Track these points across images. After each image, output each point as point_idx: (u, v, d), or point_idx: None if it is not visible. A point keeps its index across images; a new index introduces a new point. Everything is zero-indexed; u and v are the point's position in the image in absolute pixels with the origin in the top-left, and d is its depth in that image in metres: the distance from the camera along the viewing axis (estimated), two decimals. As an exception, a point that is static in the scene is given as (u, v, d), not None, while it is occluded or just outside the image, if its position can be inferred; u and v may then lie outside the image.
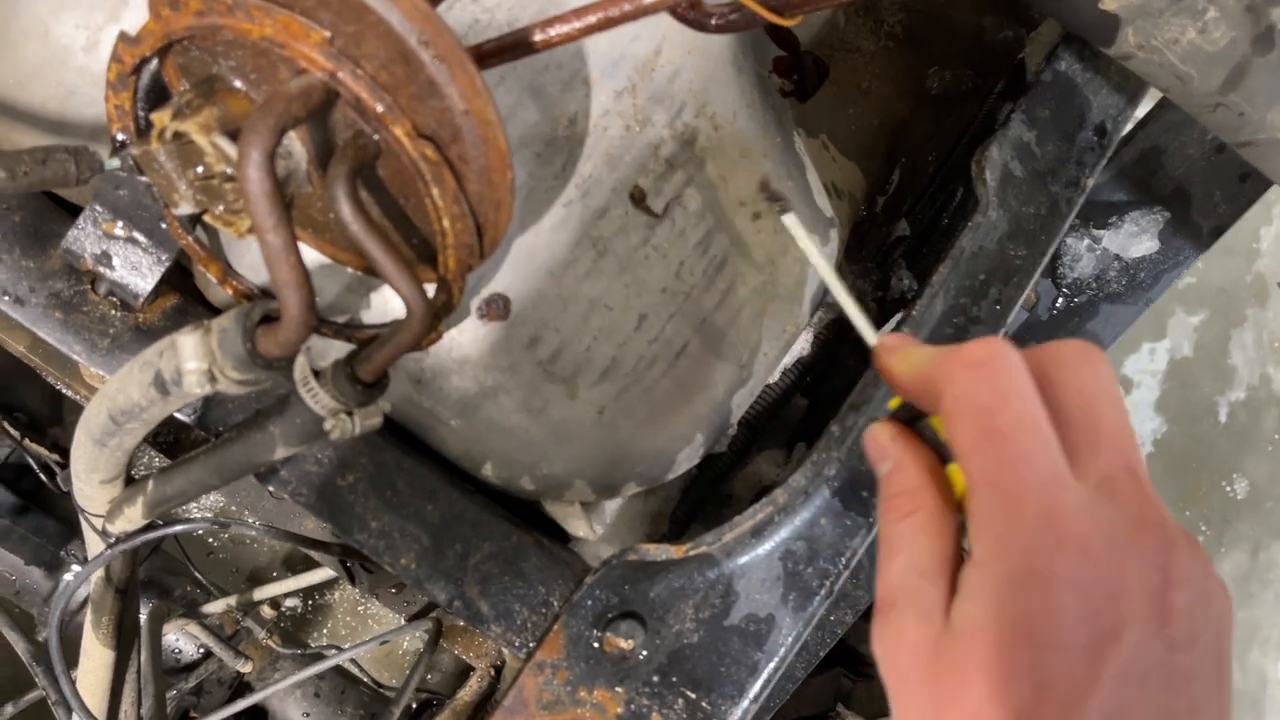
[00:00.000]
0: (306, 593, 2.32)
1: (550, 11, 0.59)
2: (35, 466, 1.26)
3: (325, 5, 0.46)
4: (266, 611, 1.56)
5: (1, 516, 1.44)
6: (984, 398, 0.39)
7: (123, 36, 0.50)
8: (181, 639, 1.54)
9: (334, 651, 1.45)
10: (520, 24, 0.58)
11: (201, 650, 1.54)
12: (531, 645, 0.65)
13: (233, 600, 1.21)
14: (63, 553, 1.46)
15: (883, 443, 0.44)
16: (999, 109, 0.90)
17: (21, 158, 0.51)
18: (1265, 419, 2.77)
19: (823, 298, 0.74)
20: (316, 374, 0.54)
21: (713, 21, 0.54)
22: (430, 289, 0.52)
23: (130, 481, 0.69)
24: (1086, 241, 1.02)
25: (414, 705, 1.50)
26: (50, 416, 1.44)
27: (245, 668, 1.47)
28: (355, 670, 1.57)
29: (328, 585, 2.28)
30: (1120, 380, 2.79)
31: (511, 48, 0.53)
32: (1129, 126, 0.80)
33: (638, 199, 0.62)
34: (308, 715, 1.54)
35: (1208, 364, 2.82)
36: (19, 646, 1.04)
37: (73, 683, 0.79)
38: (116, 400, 0.57)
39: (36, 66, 0.57)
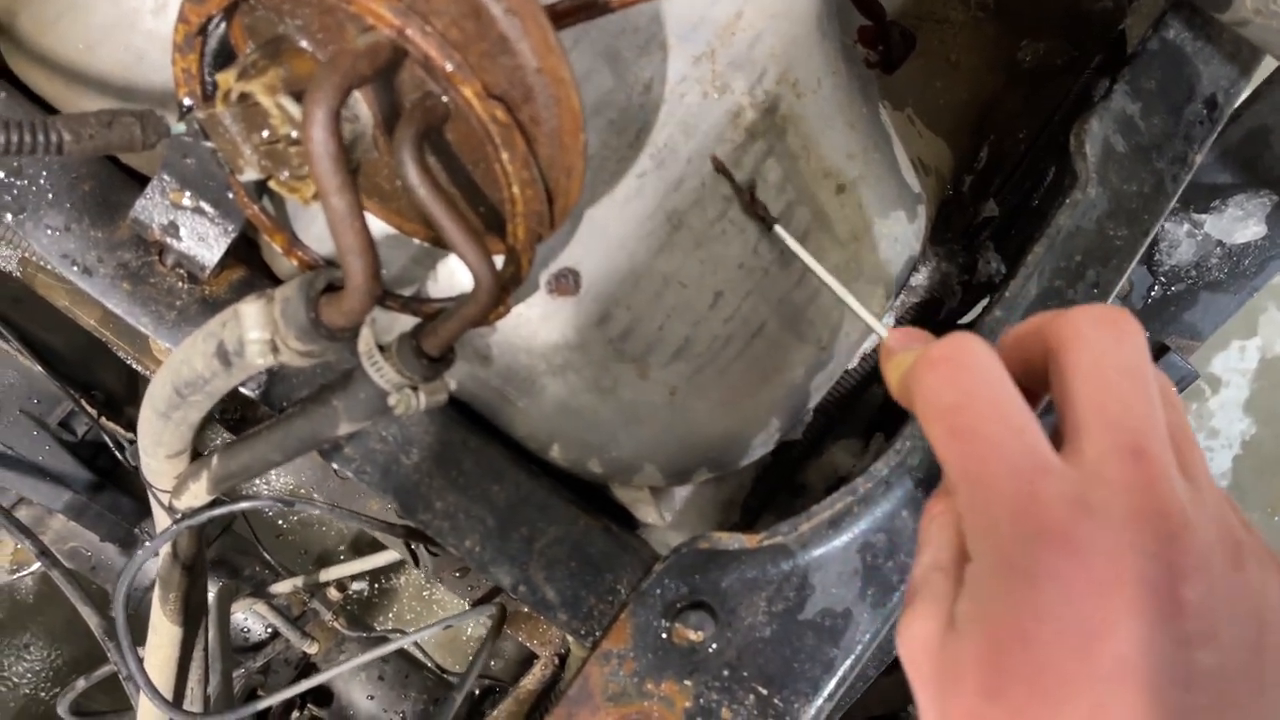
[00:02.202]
0: (373, 576, 2.34)
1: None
2: (111, 444, 1.28)
3: (395, -42, 0.44)
4: (333, 594, 1.57)
5: (78, 493, 1.46)
6: (948, 396, 0.38)
7: (189, -3, 0.49)
8: (250, 618, 1.56)
9: (398, 635, 1.45)
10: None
11: (269, 630, 1.56)
12: (598, 634, 0.63)
13: (300, 581, 1.21)
14: (137, 530, 1.48)
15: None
16: (1095, 84, 0.85)
17: (87, 120, 0.50)
18: (1361, 422, 2.65)
19: (907, 279, 0.70)
20: (381, 348, 0.52)
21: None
22: (498, 260, 0.50)
23: (196, 457, 0.69)
24: (1186, 226, 0.96)
25: (476, 691, 1.49)
26: (126, 395, 1.45)
27: (311, 649, 1.48)
28: (419, 655, 1.57)
29: (394, 569, 2.30)
30: (1208, 379, 2.69)
31: (587, 7, 0.50)
32: (1240, 100, 0.74)
33: (720, 169, 0.59)
34: (372, 698, 1.55)
35: (1301, 364, 2.70)
36: (91, 621, 1.05)
37: (139, 658, 0.79)
38: (180, 372, 0.56)
39: (105, 30, 0.56)
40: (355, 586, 2.32)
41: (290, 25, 0.49)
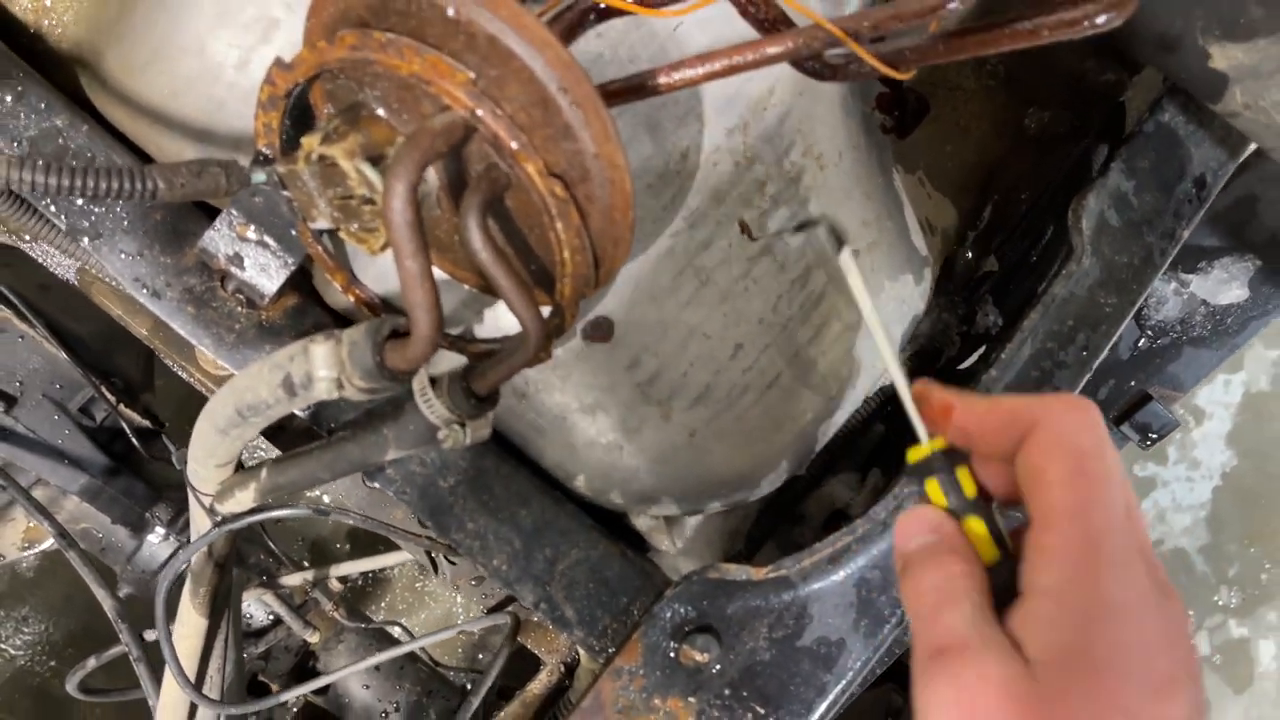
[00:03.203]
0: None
1: (669, 51, 0.61)
2: (128, 431, 1.32)
3: (472, 48, 0.49)
4: (334, 585, 1.61)
5: (94, 477, 1.50)
6: (1084, 440, 0.42)
7: (278, 63, 0.54)
8: (253, 606, 1.61)
9: (399, 629, 1.50)
10: (639, 60, 0.61)
11: (271, 617, 1.60)
12: (611, 651, 0.68)
13: (310, 574, 1.26)
14: (148, 514, 1.52)
15: (933, 519, 0.47)
16: (1095, 150, 0.91)
17: (180, 170, 0.55)
18: (1341, 459, 2.71)
19: (912, 333, 0.75)
20: (432, 380, 0.57)
21: (831, 72, 0.56)
22: (545, 311, 0.55)
23: (240, 467, 0.74)
24: (1174, 285, 1.02)
25: (468, 685, 1.55)
26: (143, 383, 1.50)
27: (313, 637, 1.53)
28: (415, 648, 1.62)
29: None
30: (1192, 410, 2.75)
31: (637, 89, 0.56)
32: (1227, 179, 0.80)
33: (745, 231, 0.65)
34: (367, 687, 1.60)
35: (1285, 399, 2.76)
36: (106, 604, 1.09)
37: (173, 649, 0.84)
38: (244, 396, 0.61)
39: (190, 80, 0.61)
40: (351, 576, 2.37)
41: (369, 94, 0.54)
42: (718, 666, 0.68)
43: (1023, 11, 0.56)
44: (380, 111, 0.54)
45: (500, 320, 0.64)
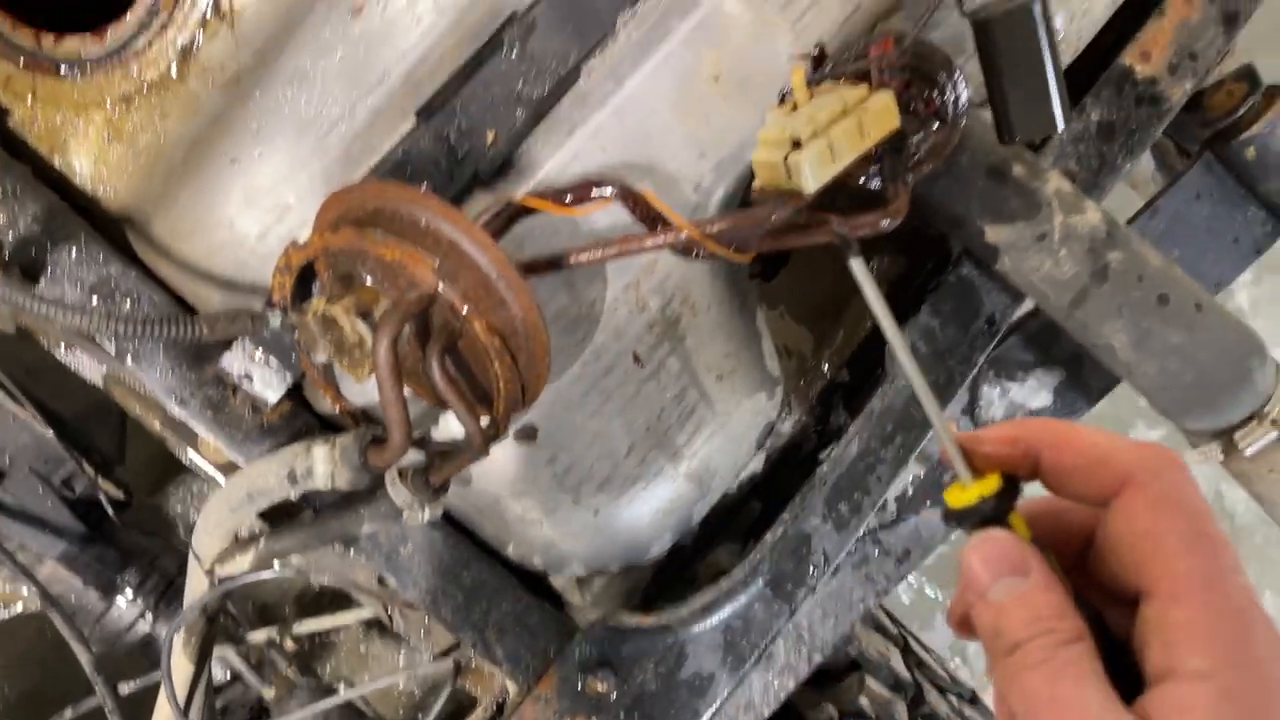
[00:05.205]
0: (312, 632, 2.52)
1: (581, 228, 0.84)
2: (104, 501, 1.48)
3: (436, 245, 0.70)
4: (289, 644, 1.77)
5: (71, 544, 1.65)
6: (1193, 497, 0.39)
7: (294, 243, 0.75)
8: (214, 663, 1.75)
9: (348, 686, 1.66)
10: (560, 234, 0.83)
11: (229, 675, 1.75)
12: (532, 682, 0.88)
13: (275, 631, 1.43)
14: (118, 579, 1.67)
15: (1015, 556, 0.41)
16: (931, 281, 1.15)
17: (219, 317, 0.75)
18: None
19: (766, 439, 0.98)
20: (400, 474, 0.77)
21: (695, 254, 0.78)
22: (485, 422, 0.76)
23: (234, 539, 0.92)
24: (999, 389, 1.26)
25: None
26: (118, 457, 1.66)
27: (269, 693, 1.68)
28: (362, 705, 1.78)
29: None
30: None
31: (554, 264, 0.78)
32: (1015, 317, 1.04)
33: (637, 361, 0.86)
34: (315, 741, 1.74)
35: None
36: (84, 658, 1.24)
37: (178, 702, 1.01)
38: (255, 483, 0.81)
39: (222, 245, 0.81)
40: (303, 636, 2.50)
41: (360, 267, 0.75)
42: (615, 695, 0.88)
43: (829, 215, 0.80)
44: (369, 280, 0.75)
45: (452, 427, 0.85)
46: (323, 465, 0.75)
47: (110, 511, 1.53)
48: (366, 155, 0.83)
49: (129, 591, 1.69)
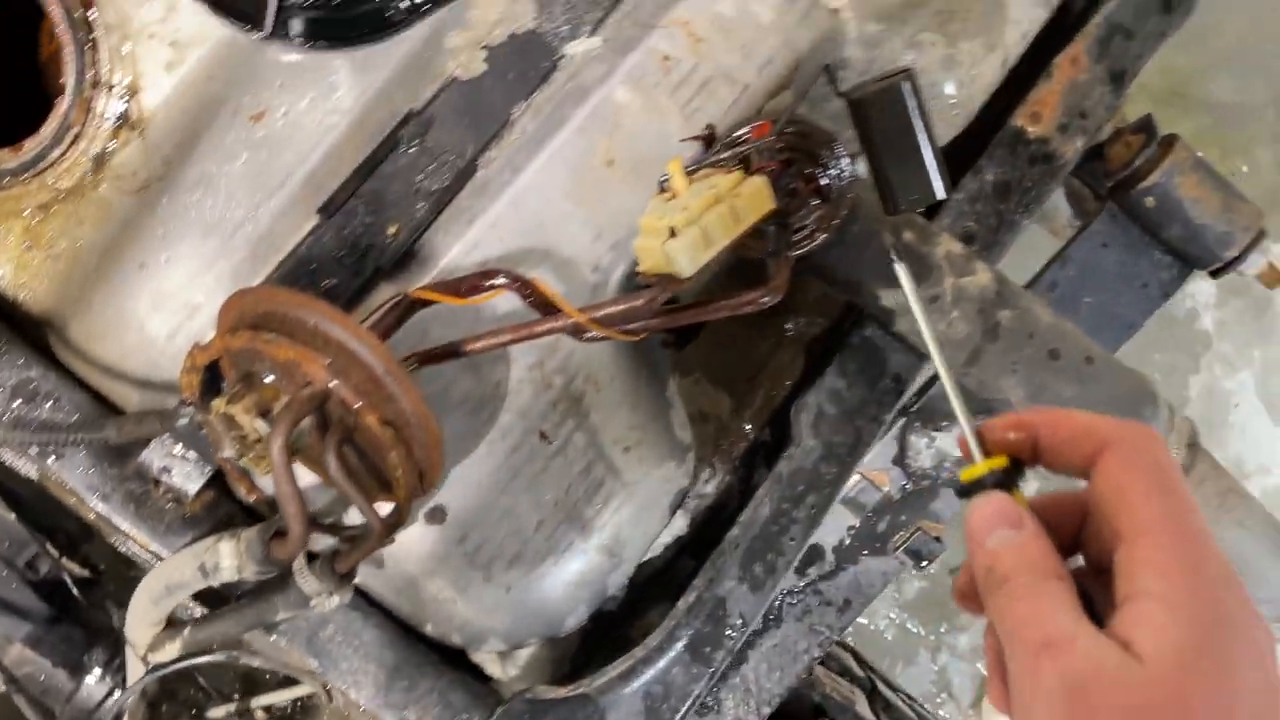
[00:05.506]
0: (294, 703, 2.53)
1: (483, 313, 0.87)
2: (69, 581, 1.50)
3: (327, 345, 0.73)
4: (259, 715, 1.78)
5: (37, 625, 1.66)
6: (1160, 456, 0.46)
7: (197, 345, 0.78)
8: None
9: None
10: (460, 322, 0.86)
11: (203, 750, 1.76)
12: (455, 756, 0.90)
13: (233, 707, 1.44)
14: (85, 658, 1.68)
15: (1011, 512, 0.48)
16: (844, 340, 1.18)
17: (128, 419, 0.78)
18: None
19: (681, 502, 1.00)
20: (311, 556, 0.80)
21: (586, 336, 0.82)
22: (389, 508, 0.78)
23: (169, 624, 0.95)
24: (926, 439, 1.28)
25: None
26: (82, 536, 1.68)
27: (243, 766, 1.69)
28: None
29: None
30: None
31: (451, 353, 0.81)
32: (922, 378, 1.07)
33: (544, 438, 0.89)
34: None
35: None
36: (51, 743, 1.26)
37: (112, 775, 1.03)
38: (172, 576, 0.83)
39: (134, 347, 0.84)
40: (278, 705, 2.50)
41: (260, 366, 0.78)
42: (538, 766, 0.90)
43: (715, 295, 0.83)
44: (268, 379, 0.78)
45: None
46: (229, 560, 0.78)
47: (75, 591, 1.54)
48: (272, 253, 0.86)
49: (97, 670, 1.69)
